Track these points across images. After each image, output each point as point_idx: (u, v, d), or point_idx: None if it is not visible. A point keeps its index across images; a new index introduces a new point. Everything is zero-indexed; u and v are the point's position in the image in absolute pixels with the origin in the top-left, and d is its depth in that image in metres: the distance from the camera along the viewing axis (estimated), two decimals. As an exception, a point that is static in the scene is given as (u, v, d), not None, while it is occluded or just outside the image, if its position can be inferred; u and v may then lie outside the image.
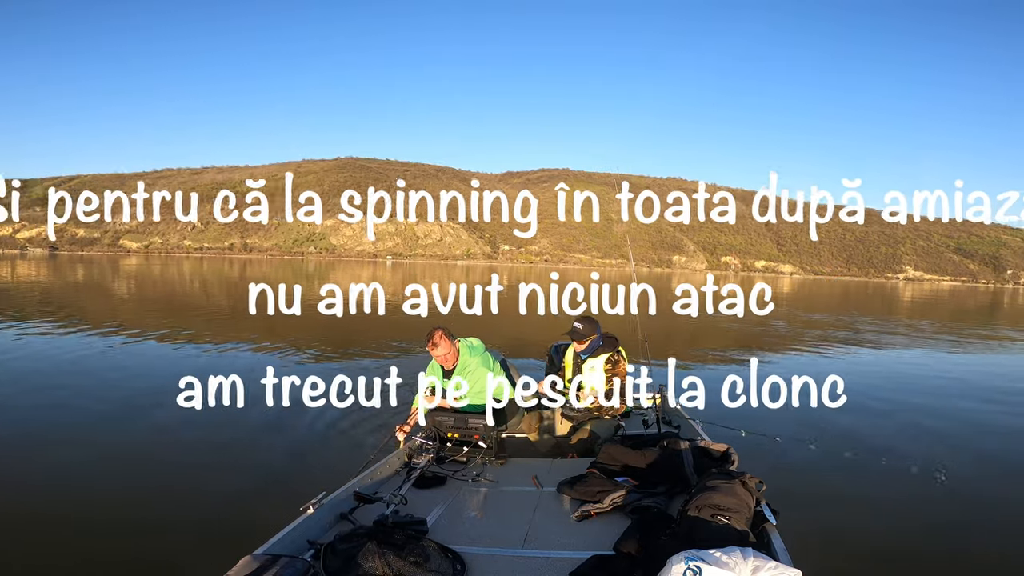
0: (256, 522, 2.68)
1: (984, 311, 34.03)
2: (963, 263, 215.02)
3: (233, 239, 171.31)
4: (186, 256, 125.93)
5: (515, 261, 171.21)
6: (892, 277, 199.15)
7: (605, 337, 4.16)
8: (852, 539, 3.61)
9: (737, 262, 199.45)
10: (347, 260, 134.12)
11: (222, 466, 4.74)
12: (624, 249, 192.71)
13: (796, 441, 5.44)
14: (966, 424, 6.70)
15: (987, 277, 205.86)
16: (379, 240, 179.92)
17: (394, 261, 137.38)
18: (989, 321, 25.60)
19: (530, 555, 2.42)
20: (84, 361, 8.72)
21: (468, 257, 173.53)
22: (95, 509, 3.89)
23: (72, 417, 5.95)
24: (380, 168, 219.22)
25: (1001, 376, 10.41)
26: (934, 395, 8.33)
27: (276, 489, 4.17)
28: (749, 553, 1.88)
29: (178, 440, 5.34)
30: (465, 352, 3.93)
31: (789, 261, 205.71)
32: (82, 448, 5.03)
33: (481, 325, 15.05)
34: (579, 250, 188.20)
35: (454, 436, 3.58)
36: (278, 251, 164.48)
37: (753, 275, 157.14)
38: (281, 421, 5.93)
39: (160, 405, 6.34)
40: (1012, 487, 4.74)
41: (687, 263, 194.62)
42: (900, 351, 13.38)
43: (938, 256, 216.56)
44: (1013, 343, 16.31)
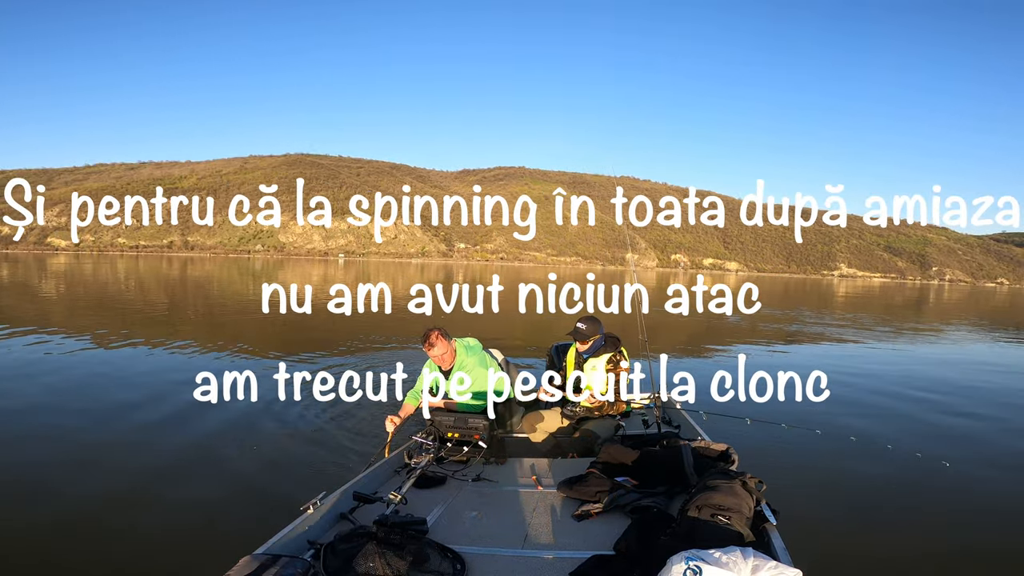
0: (256, 522, 2.67)
1: (929, 306, 36.18)
2: (892, 260, 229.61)
3: (172, 237, 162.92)
4: (120, 255, 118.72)
5: (471, 259, 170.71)
6: (828, 274, 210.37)
7: (607, 337, 4.16)
8: (852, 539, 3.61)
9: (686, 260, 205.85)
10: (297, 258, 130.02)
11: (223, 465, 4.69)
12: (578, 247, 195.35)
13: (800, 435, 5.40)
14: (970, 423, 6.54)
15: (914, 274, 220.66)
16: (330, 237, 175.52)
17: (347, 259, 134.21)
18: (949, 315, 27.30)
19: (530, 555, 2.42)
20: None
21: (423, 255, 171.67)
22: (93, 510, 3.80)
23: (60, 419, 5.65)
24: (332, 165, 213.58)
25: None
26: (930, 391, 8.21)
27: (275, 490, 4.05)
28: (749, 553, 1.89)
29: (177, 443, 5.20)
30: (462, 352, 3.94)
31: (735, 259, 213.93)
32: (77, 447, 4.91)
33: (478, 324, 14.87)
34: (534, 248, 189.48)
35: (454, 436, 3.56)
36: (222, 249, 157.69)
37: (701, 272, 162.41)
38: (280, 422, 5.78)
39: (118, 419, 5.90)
40: (1017, 485, 4.71)
41: (639, 260, 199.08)
42: (875, 343, 13.99)
43: (870, 254, 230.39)
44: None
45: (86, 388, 6.89)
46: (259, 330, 13.06)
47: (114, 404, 6.23)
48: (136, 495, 4.04)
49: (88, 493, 4.01)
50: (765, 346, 12.80)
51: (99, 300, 19.58)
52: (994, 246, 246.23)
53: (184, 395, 6.48)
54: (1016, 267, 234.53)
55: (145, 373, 7.85)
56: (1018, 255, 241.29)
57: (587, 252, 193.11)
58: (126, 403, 6.26)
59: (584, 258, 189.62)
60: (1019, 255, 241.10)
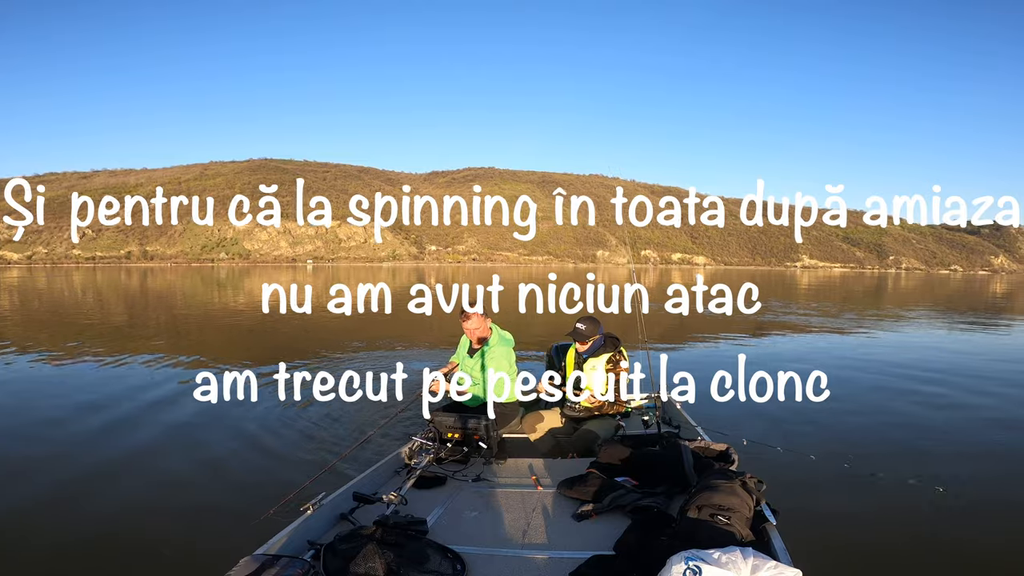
0: (256, 523, 2.64)
1: (901, 294, 37.31)
2: (851, 251, 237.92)
3: (130, 246, 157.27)
4: (76, 267, 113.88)
5: (442, 261, 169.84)
6: (791, 266, 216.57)
7: (606, 337, 4.16)
8: (853, 539, 3.61)
9: (656, 255, 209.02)
10: (263, 265, 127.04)
11: (224, 466, 4.75)
12: (550, 246, 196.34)
13: (800, 434, 5.35)
14: (972, 420, 6.45)
15: (872, 263, 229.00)
16: (298, 243, 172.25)
17: (315, 265, 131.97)
18: (919, 302, 28.08)
19: (530, 555, 2.42)
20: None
21: (394, 259, 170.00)
22: (92, 512, 3.86)
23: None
24: (297, 169, 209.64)
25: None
26: (924, 389, 8.00)
27: (275, 491, 3.97)
28: (749, 553, 1.89)
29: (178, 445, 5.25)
30: (496, 336, 4.06)
31: (702, 253, 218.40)
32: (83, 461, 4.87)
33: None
34: (506, 248, 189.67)
35: (454, 436, 3.55)
36: (184, 258, 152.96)
37: (671, 267, 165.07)
38: (279, 423, 5.85)
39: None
40: (1015, 486, 4.63)
41: (610, 257, 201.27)
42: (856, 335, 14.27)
43: (829, 245, 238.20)
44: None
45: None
46: (239, 339, 12.75)
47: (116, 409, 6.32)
48: (137, 496, 4.06)
49: (88, 492, 4.07)
50: (751, 337, 13.03)
51: (57, 315, 18.77)
52: (947, 235, 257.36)
53: (188, 400, 6.65)
54: (968, 254, 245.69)
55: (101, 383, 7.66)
56: (970, 243, 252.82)
57: (558, 251, 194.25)
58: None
59: (556, 257, 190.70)
60: (971, 243, 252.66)
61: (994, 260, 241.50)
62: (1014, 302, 30.56)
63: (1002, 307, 26.59)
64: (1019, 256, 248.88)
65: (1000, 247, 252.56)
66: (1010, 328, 17.23)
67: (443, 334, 12.64)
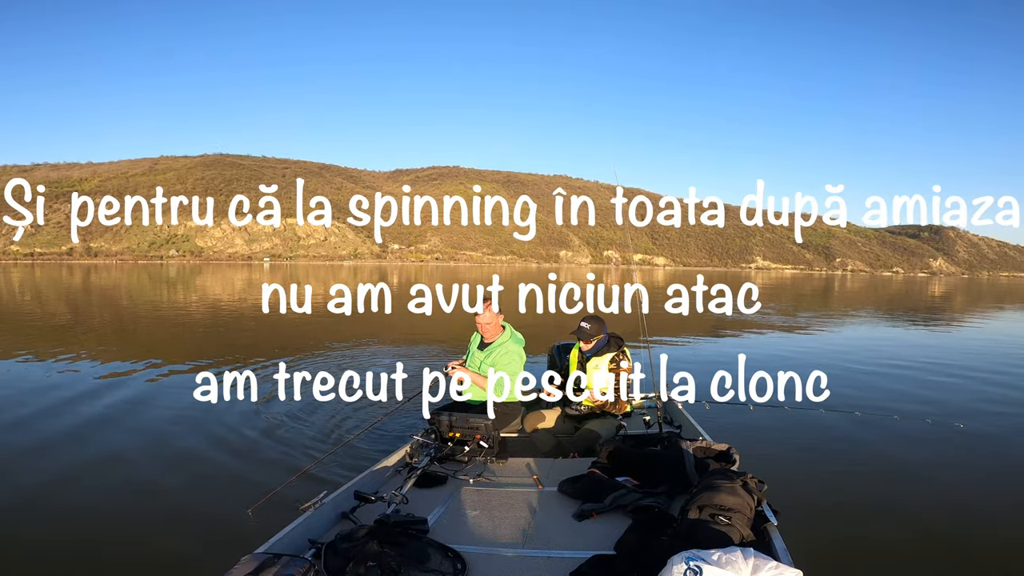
0: (257, 521, 2.61)
1: (847, 295, 38.73)
2: (801, 253, 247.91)
3: (72, 243, 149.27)
4: (14, 263, 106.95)
5: (405, 260, 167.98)
6: (746, 267, 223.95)
7: (610, 336, 4.15)
8: (853, 539, 3.62)
9: (618, 256, 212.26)
10: (217, 263, 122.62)
11: (225, 466, 4.69)
12: (513, 246, 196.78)
13: (800, 435, 5.37)
14: (973, 419, 6.42)
15: (820, 265, 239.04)
16: (254, 241, 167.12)
17: (272, 263, 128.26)
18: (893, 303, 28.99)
19: (531, 555, 2.42)
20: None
21: (355, 257, 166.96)
22: (90, 512, 3.85)
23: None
24: (255, 166, 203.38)
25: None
26: (922, 387, 8.11)
27: (275, 489, 3.89)
28: (750, 553, 1.89)
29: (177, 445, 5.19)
30: (507, 335, 4.08)
31: (662, 254, 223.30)
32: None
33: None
34: (470, 247, 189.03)
35: (455, 435, 3.54)
36: (131, 255, 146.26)
37: (632, 267, 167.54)
38: (277, 424, 5.76)
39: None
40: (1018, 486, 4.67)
41: (573, 257, 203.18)
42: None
43: (781, 247, 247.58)
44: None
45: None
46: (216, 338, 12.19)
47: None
48: (129, 501, 4.03)
49: (88, 495, 4.06)
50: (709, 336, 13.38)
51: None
52: (889, 238, 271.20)
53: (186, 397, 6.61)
54: (909, 257, 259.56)
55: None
56: (911, 246, 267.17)
57: (522, 250, 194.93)
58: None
59: (519, 257, 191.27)
60: (912, 246, 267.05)
61: (933, 263, 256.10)
62: (952, 303, 32.34)
63: (940, 308, 28.11)
64: (957, 259, 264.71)
65: (939, 250, 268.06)
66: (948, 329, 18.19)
67: (400, 334, 12.45)
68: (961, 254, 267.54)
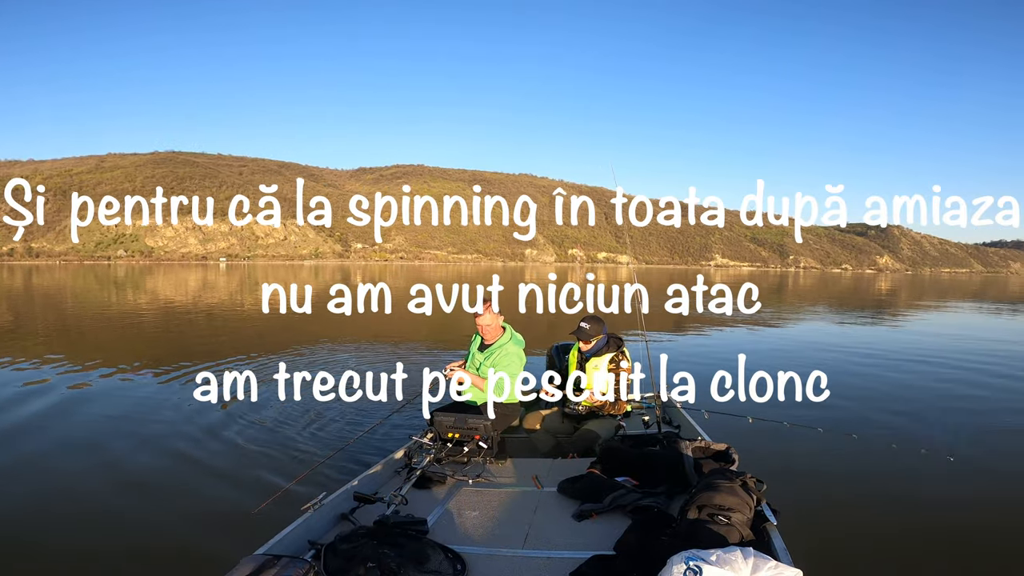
0: (256, 523, 2.63)
1: (805, 290, 39.92)
2: (757, 251, 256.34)
3: (12, 243, 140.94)
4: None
5: (369, 259, 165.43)
6: (705, 264, 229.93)
7: (610, 337, 4.15)
8: (853, 538, 3.61)
9: (582, 254, 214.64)
10: (169, 264, 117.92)
11: (226, 465, 4.66)
12: (479, 244, 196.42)
13: (801, 434, 5.31)
14: (973, 418, 6.47)
15: (775, 262, 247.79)
16: (209, 240, 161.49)
17: (229, 263, 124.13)
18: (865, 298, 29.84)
19: (530, 555, 2.43)
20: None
21: (317, 257, 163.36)
22: (90, 513, 3.84)
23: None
24: (210, 163, 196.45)
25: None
26: (925, 386, 8.10)
27: (275, 490, 3.79)
28: (749, 553, 1.90)
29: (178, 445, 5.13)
30: (507, 337, 4.06)
31: (626, 252, 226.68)
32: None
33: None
34: (435, 246, 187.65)
35: (454, 436, 3.53)
36: (75, 256, 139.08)
37: (596, 266, 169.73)
38: (276, 424, 5.71)
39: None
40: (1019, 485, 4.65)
41: (538, 255, 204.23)
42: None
43: (739, 245, 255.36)
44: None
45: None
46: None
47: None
48: (128, 501, 4.01)
49: (87, 500, 4.04)
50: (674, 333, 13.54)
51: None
52: (839, 236, 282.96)
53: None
54: (857, 254, 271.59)
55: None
56: (859, 244, 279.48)
57: (488, 249, 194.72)
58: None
59: (485, 255, 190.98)
60: (860, 244, 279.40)
61: (879, 260, 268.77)
62: (897, 298, 33.92)
63: (887, 303, 29.46)
64: (901, 256, 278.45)
65: (885, 248, 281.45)
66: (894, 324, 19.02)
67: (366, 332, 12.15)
68: (905, 251, 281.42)
